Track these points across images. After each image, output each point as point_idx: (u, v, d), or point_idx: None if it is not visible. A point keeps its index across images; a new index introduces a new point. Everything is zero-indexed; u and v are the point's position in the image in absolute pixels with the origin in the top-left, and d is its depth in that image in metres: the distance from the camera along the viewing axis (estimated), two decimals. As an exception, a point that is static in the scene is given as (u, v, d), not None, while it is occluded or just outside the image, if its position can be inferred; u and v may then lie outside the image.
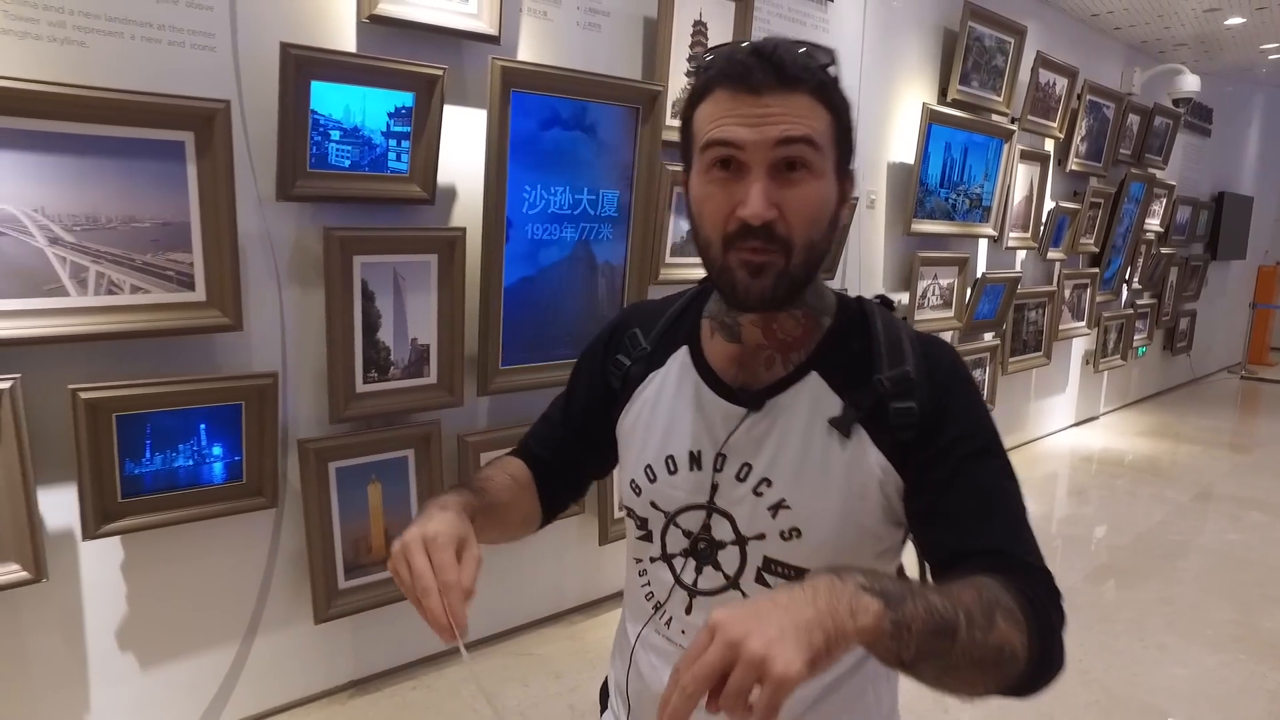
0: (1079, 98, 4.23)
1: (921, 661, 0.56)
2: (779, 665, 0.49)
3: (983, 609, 0.59)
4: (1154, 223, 5.38)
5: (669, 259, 2.46)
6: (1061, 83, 4.11)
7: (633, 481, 0.84)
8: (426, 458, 2.04)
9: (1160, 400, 6.15)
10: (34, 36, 1.47)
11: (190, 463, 1.70)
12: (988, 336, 4.16)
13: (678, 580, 0.81)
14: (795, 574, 0.75)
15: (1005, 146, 3.80)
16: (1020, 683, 0.62)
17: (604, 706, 0.95)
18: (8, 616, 1.58)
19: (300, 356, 1.87)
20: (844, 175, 0.73)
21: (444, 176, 1.96)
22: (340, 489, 1.90)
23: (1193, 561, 3.13)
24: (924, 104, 3.33)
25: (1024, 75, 3.82)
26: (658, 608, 0.83)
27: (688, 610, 0.80)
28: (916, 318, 3.58)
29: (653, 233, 2.36)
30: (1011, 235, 4.07)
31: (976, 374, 4.11)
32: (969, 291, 3.86)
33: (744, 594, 0.77)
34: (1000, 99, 3.75)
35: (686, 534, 0.79)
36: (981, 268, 4.00)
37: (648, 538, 0.83)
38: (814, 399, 0.75)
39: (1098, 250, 4.85)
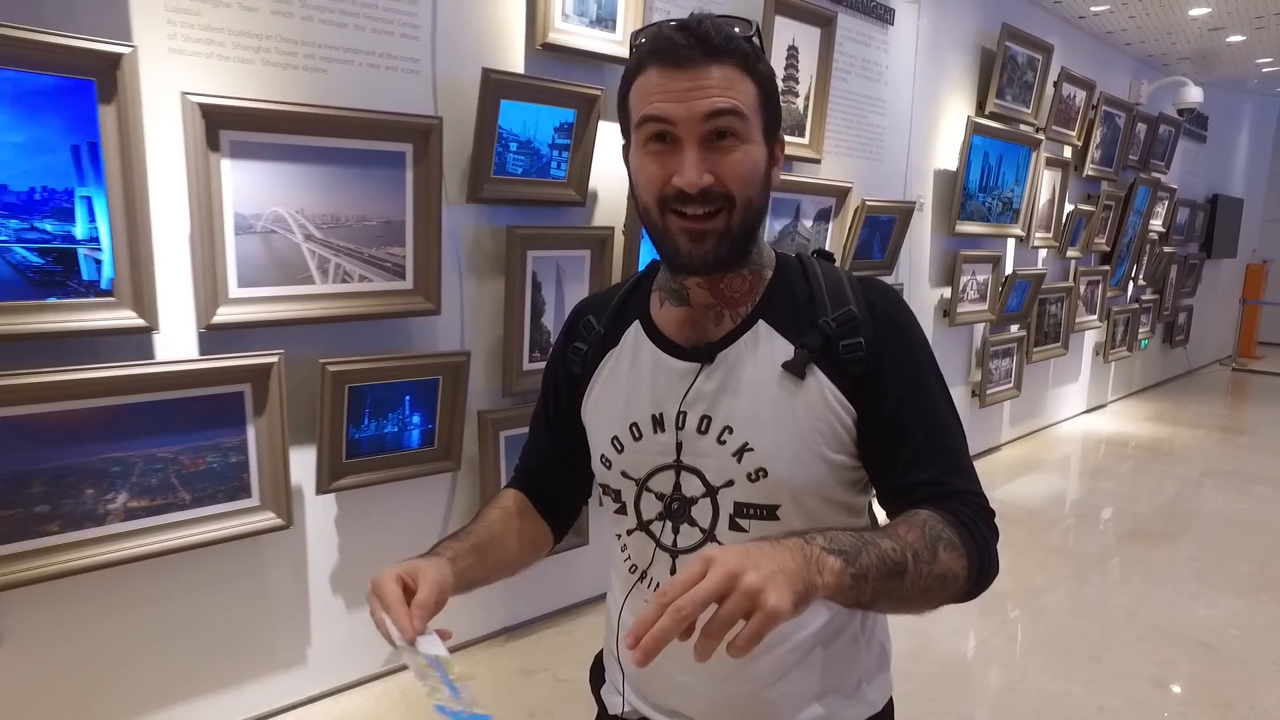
0: (1095, 108, 4.59)
1: (878, 599, 0.63)
2: (772, 599, 0.53)
3: (927, 544, 0.67)
4: (1157, 223, 5.77)
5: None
6: (1081, 95, 4.47)
7: (603, 456, 0.85)
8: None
9: (1160, 390, 6.56)
10: (293, 67, 1.75)
11: (395, 429, 1.98)
12: (1014, 328, 4.50)
13: (658, 544, 0.82)
14: (766, 512, 0.77)
15: (1033, 154, 4.14)
16: (963, 595, 0.71)
17: (598, 682, 0.97)
18: (255, 557, 1.86)
19: (476, 338, 2.15)
20: (773, 139, 0.76)
21: (592, 182, 2.26)
22: (508, 454, 2.19)
23: (1209, 526, 3.49)
24: (968, 117, 3.66)
25: (1048, 89, 4.17)
26: (641, 575, 0.85)
27: (671, 570, 0.82)
28: (958, 310, 3.92)
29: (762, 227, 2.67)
30: (1036, 235, 4.42)
31: (1005, 363, 4.46)
32: (1000, 287, 4.21)
33: (720, 544, 0.79)
34: (1029, 111, 4.10)
35: (659, 496, 0.81)
36: (1010, 265, 4.35)
37: (623, 510, 0.85)
38: (764, 345, 0.78)
39: (1109, 249, 5.23)
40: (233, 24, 1.66)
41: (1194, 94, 4.96)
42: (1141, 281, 5.86)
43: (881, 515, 0.80)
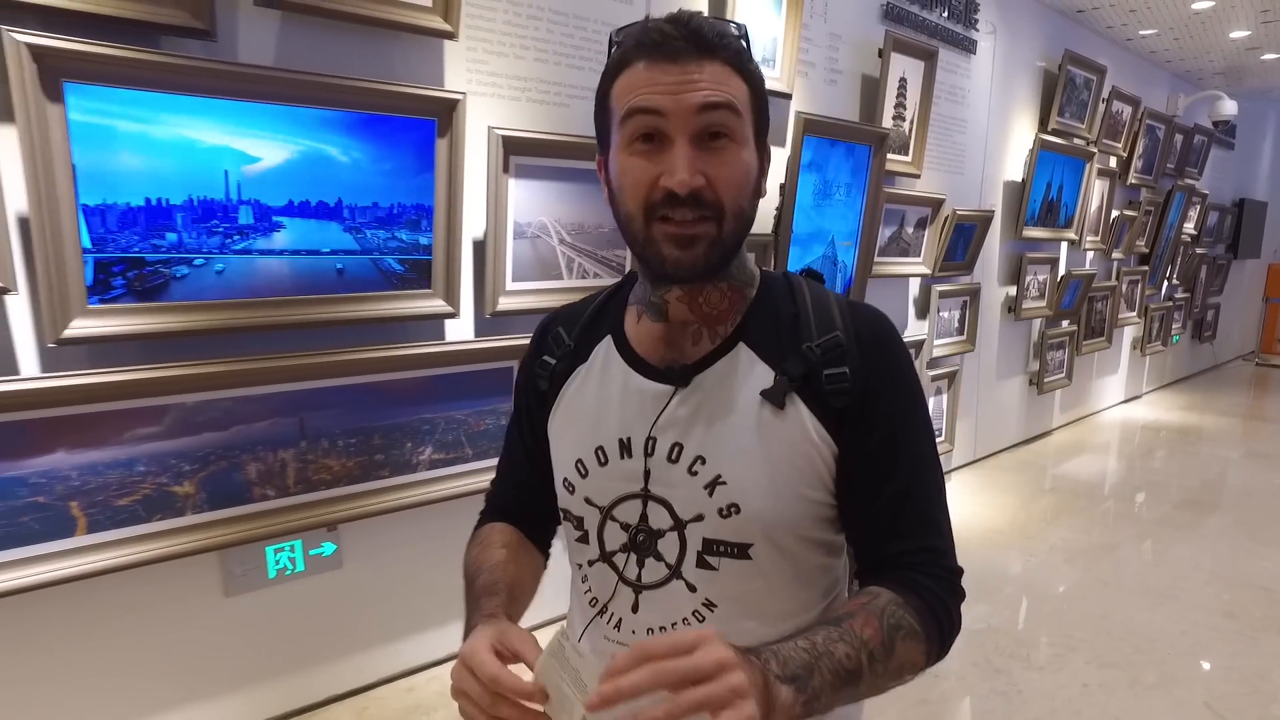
0: (1140, 122, 5.00)
1: (832, 706, 0.62)
2: (748, 709, 0.52)
3: (884, 639, 0.65)
4: (1189, 227, 6.19)
5: (878, 259, 3.19)
6: (1127, 110, 4.88)
7: (565, 480, 0.80)
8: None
9: (1189, 382, 6.97)
10: (546, 103, 2.17)
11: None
12: (1065, 323, 4.92)
13: (621, 577, 0.77)
14: (737, 550, 0.73)
15: (1087, 166, 4.56)
16: (919, 671, 0.69)
17: None
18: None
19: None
20: (762, 145, 0.72)
21: (751, 195, 2.68)
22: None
23: (1256, 498, 3.91)
24: (1036, 135, 4.08)
25: (1100, 106, 4.59)
26: (602, 611, 0.80)
27: (634, 608, 0.77)
28: (1022, 306, 4.34)
29: (873, 240, 3.09)
30: (1087, 239, 4.84)
31: (1059, 354, 4.88)
32: (1057, 286, 4.63)
33: (687, 582, 0.74)
34: (1084, 126, 4.52)
35: (624, 527, 0.76)
36: (1063, 266, 4.76)
37: (584, 539, 0.80)
38: (743, 370, 0.74)
39: (1147, 250, 5.64)
40: (508, 70, 2.09)
41: (1229, 107, 5.37)
42: (1175, 281, 6.27)
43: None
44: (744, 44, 0.72)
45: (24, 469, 1.50)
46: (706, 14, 1.13)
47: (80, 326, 1.50)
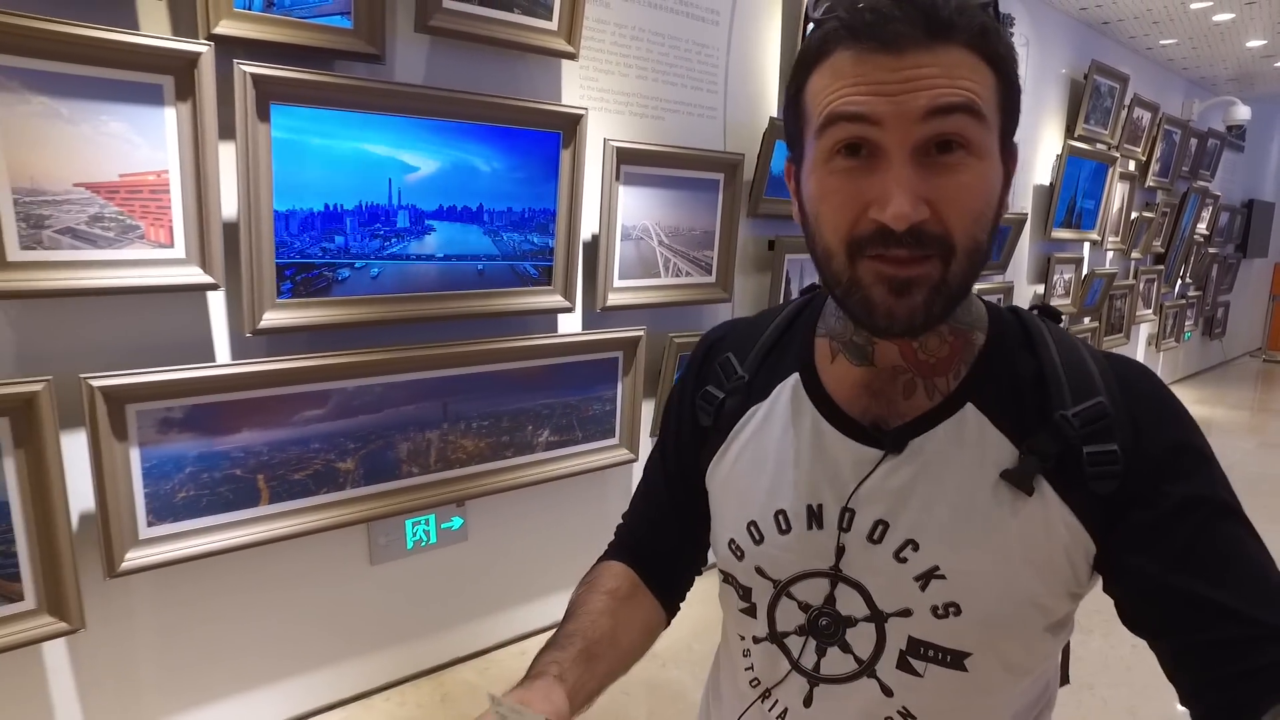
0: (1159, 127, 5.22)
1: None
2: None
3: None
4: (1202, 227, 6.41)
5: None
6: (1147, 116, 5.10)
7: (732, 542, 0.69)
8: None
9: (1200, 377, 7.20)
10: (646, 116, 2.37)
11: (693, 388, 2.60)
12: (1087, 320, 5.13)
13: (795, 664, 0.67)
14: (951, 658, 0.60)
15: (1110, 170, 4.77)
16: None
17: None
18: (600, 487, 2.47)
19: (738, 321, 2.77)
20: (1008, 152, 0.58)
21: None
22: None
23: (1272, 484, 4.13)
24: (1066, 141, 4.29)
25: (1122, 112, 4.80)
26: (765, 695, 0.69)
27: (807, 702, 0.66)
28: (1051, 304, 4.54)
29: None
30: (1109, 240, 5.05)
31: (1081, 350, 5.09)
32: (1082, 284, 4.84)
33: (882, 684, 0.62)
34: (1107, 132, 4.73)
35: (804, 607, 0.65)
36: (1086, 266, 4.97)
37: (750, 611, 0.69)
38: (972, 439, 0.61)
39: (1163, 250, 5.86)
40: (614, 86, 2.28)
41: (1243, 112, 5.59)
42: (1188, 279, 6.49)
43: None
44: (992, 14, 0.55)
45: (227, 444, 1.69)
46: None
47: (270, 319, 1.69)
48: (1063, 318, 0.69)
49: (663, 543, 0.80)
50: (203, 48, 1.49)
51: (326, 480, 1.85)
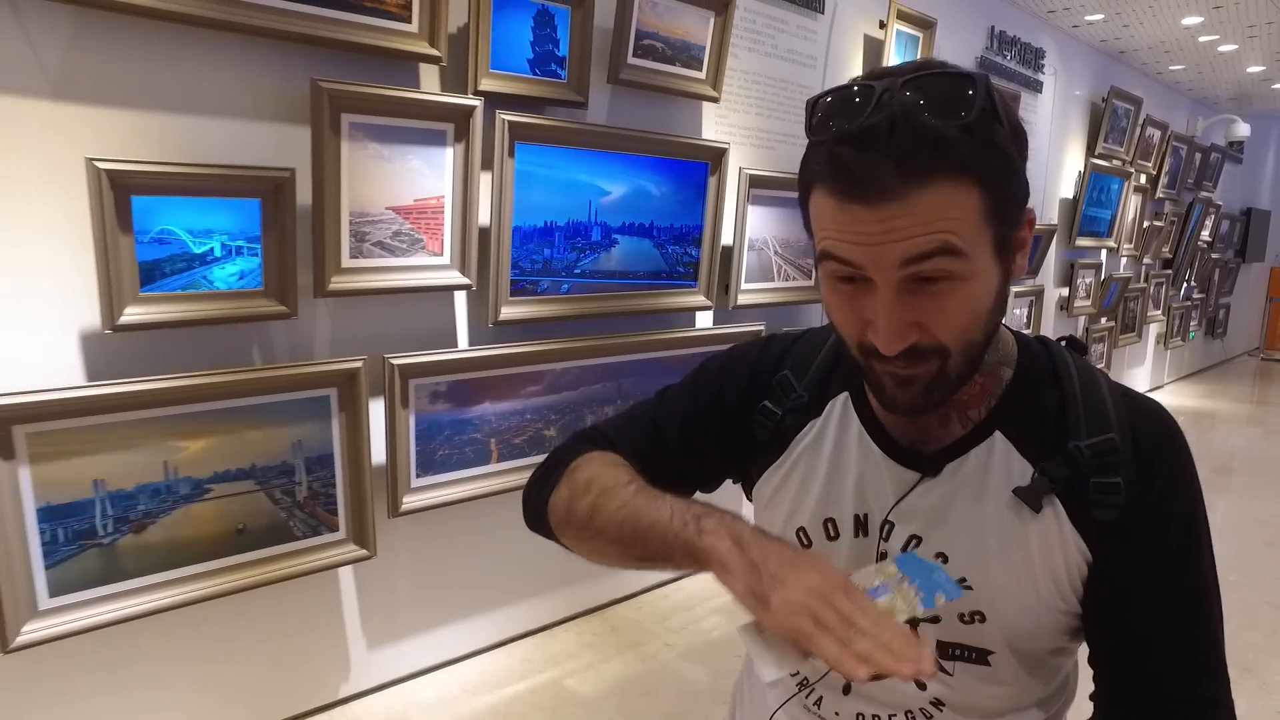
0: (1167, 143, 5.72)
1: None
2: None
3: None
4: (1205, 234, 6.92)
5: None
6: (1157, 134, 5.60)
7: None
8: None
9: (1203, 374, 7.71)
10: (760, 147, 2.83)
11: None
12: (1104, 320, 5.61)
13: None
14: (976, 655, 0.68)
15: (1125, 184, 5.26)
16: None
17: None
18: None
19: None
20: (1006, 250, 0.59)
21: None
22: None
23: (1277, 465, 4.61)
24: (1088, 159, 4.79)
25: (1136, 131, 5.30)
26: (804, 685, 0.76)
27: (845, 690, 0.73)
28: (1074, 305, 5.02)
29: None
30: (1124, 247, 5.54)
31: (1099, 348, 5.57)
32: (1101, 287, 5.33)
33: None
34: (1123, 149, 5.22)
35: None
36: (1104, 270, 5.46)
37: None
38: (998, 464, 0.66)
39: (1171, 256, 6.37)
40: (740, 122, 2.74)
41: (1243, 129, 6.10)
42: (1193, 283, 7.00)
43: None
44: (985, 113, 0.54)
45: (470, 414, 2.13)
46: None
47: (506, 313, 2.13)
48: (1089, 350, 0.79)
49: (657, 474, 0.75)
50: (475, 101, 1.94)
51: (536, 444, 2.29)
